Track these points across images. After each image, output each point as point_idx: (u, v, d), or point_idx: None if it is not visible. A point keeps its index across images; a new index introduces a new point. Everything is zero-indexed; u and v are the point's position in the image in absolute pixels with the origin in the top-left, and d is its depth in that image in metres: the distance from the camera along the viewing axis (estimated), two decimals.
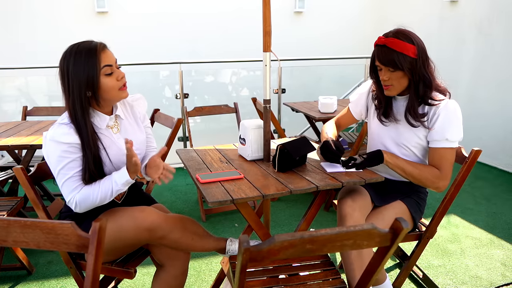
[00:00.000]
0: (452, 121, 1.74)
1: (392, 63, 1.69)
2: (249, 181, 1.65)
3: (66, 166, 1.52)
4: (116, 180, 1.56)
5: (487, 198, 3.59)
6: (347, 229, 1.06)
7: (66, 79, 1.53)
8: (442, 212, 1.96)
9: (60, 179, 1.54)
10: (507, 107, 4.18)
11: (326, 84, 5.22)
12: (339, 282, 1.56)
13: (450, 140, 1.75)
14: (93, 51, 1.53)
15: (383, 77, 1.77)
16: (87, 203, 1.56)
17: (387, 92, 1.81)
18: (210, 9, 5.37)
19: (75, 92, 1.52)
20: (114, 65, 1.58)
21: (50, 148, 1.53)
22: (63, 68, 1.53)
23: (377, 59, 1.75)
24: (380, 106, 1.90)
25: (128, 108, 1.78)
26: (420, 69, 1.72)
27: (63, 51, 1.56)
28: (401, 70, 1.70)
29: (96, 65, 1.52)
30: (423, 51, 1.73)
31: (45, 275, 2.46)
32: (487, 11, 4.33)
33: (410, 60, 1.69)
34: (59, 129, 1.52)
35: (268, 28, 1.72)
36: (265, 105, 1.85)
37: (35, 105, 3.62)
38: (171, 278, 1.75)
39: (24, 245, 1.10)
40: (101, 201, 1.57)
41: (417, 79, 1.73)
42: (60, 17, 4.97)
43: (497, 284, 2.36)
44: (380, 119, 1.92)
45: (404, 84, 1.77)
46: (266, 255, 1.01)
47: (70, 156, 1.52)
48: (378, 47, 1.74)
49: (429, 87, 1.75)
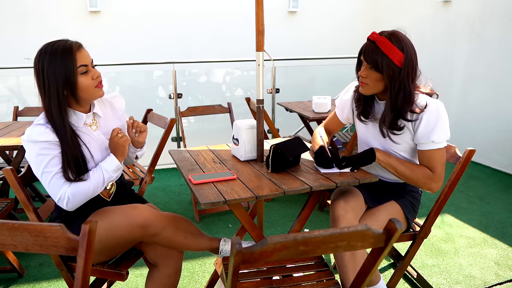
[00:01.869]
0: (436, 123, 1.69)
1: (374, 62, 1.66)
2: (242, 181, 1.64)
3: (49, 164, 1.52)
4: (106, 168, 1.61)
5: (480, 197, 3.60)
6: (341, 230, 1.04)
7: (41, 78, 1.53)
8: (436, 212, 1.95)
9: (45, 179, 1.53)
10: (500, 106, 4.20)
11: (320, 84, 5.22)
12: (333, 283, 1.55)
13: (436, 141, 1.71)
14: (68, 51, 1.52)
15: (361, 73, 1.74)
16: (80, 197, 1.56)
17: (361, 89, 1.79)
18: (204, 10, 5.35)
19: (51, 91, 1.52)
20: (90, 65, 1.59)
21: (29, 150, 1.53)
22: (38, 67, 1.53)
23: (362, 51, 1.73)
24: (359, 104, 1.88)
25: (107, 105, 1.80)
26: (402, 79, 1.66)
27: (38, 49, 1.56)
28: (379, 72, 1.67)
29: (72, 64, 1.52)
30: (410, 62, 1.67)
31: (36, 277, 2.44)
32: (480, 11, 4.34)
33: (393, 67, 1.65)
34: (35, 129, 1.52)
35: (261, 28, 1.70)
36: (258, 105, 1.83)
37: (26, 105, 3.59)
38: (165, 277, 1.74)
39: (12, 248, 1.07)
40: (94, 192, 1.60)
41: (395, 88, 1.68)
42: (52, 16, 4.92)
43: (491, 283, 2.37)
44: (359, 118, 1.90)
45: (379, 87, 1.73)
46: (258, 257, 0.99)
47: (50, 152, 1.52)
48: (368, 42, 1.71)
49: (408, 101, 1.69)
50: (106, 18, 5.08)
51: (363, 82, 1.76)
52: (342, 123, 2.11)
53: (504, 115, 4.12)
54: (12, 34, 4.86)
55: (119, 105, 1.86)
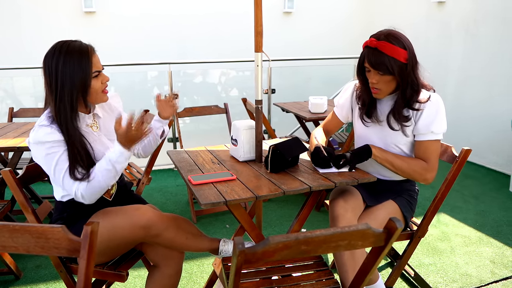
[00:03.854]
0: (436, 114, 1.76)
1: (383, 67, 1.68)
2: (241, 182, 1.64)
3: (59, 161, 1.51)
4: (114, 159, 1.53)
5: (475, 196, 3.63)
6: (342, 229, 1.05)
7: (54, 77, 1.50)
8: (433, 211, 1.97)
9: (58, 176, 1.52)
10: (494, 106, 4.23)
11: (316, 84, 5.24)
12: (332, 283, 1.56)
13: (435, 132, 1.77)
14: (85, 53, 1.52)
15: (372, 80, 1.76)
16: (95, 189, 1.53)
17: (375, 95, 1.82)
18: (199, 11, 5.35)
19: (65, 91, 1.50)
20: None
21: (37, 151, 1.52)
22: (50, 66, 1.50)
23: (367, 61, 1.74)
24: (364, 106, 1.90)
25: (105, 106, 1.79)
26: (409, 73, 1.71)
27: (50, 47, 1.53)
28: (391, 74, 1.70)
29: (89, 68, 1.52)
30: (413, 55, 1.72)
31: (33, 279, 2.42)
32: (473, 12, 4.38)
33: (401, 65, 1.69)
34: (41, 130, 1.50)
35: (260, 29, 1.71)
36: (257, 106, 1.84)
37: (22, 107, 3.57)
38: (166, 278, 1.74)
39: (13, 250, 1.07)
40: (108, 182, 1.55)
41: (406, 83, 1.73)
42: (46, 16, 4.90)
43: (487, 281, 2.39)
44: (362, 118, 1.92)
45: (392, 87, 1.77)
46: (260, 257, 1.00)
47: (60, 149, 1.51)
48: (368, 49, 1.73)
49: (416, 91, 1.75)
50: (101, 18, 5.07)
51: (375, 88, 1.78)
52: (341, 123, 2.12)
53: (499, 115, 4.16)
54: (6, 35, 4.83)
55: (117, 105, 1.86)
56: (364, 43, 1.76)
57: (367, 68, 1.77)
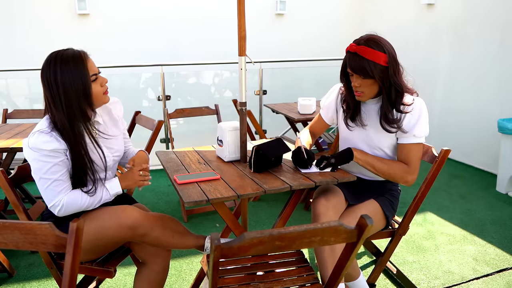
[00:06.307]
0: (418, 118, 1.82)
1: (363, 71, 1.74)
2: (225, 181, 1.70)
3: (48, 171, 1.54)
4: (108, 188, 1.68)
5: (462, 196, 3.70)
6: (314, 226, 1.11)
7: (55, 89, 1.52)
8: (414, 210, 2.04)
9: (42, 184, 1.57)
10: (481, 107, 4.31)
11: (307, 86, 5.30)
12: (312, 278, 1.62)
13: (417, 136, 1.84)
14: (79, 59, 1.55)
15: (354, 84, 1.82)
16: (73, 207, 1.61)
17: (359, 98, 1.87)
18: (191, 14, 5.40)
19: (73, 102, 1.54)
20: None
21: (32, 155, 1.54)
22: (49, 78, 1.51)
23: (348, 65, 1.80)
24: (348, 109, 1.96)
25: (105, 112, 1.81)
26: (391, 76, 1.76)
27: (44, 59, 1.54)
28: (371, 78, 1.76)
29: (86, 73, 1.55)
30: (393, 58, 1.77)
31: (26, 277, 2.48)
32: (462, 14, 4.46)
33: (381, 68, 1.74)
34: (40, 137, 1.52)
35: (243, 33, 1.77)
36: (241, 108, 1.90)
37: (16, 108, 3.61)
38: (153, 274, 1.80)
39: (3, 246, 1.13)
40: (88, 206, 1.64)
41: (388, 86, 1.78)
42: (40, 18, 4.93)
43: (468, 278, 2.46)
44: (346, 122, 1.98)
45: (374, 90, 1.82)
46: (236, 252, 1.06)
47: (53, 160, 1.54)
48: (349, 54, 1.79)
49: (400, 94, 1.81)
50: (94, 20, 5.11)
51: (358, 91, 1.84)
52: (327, 125, 2.17)
53: (486, 115, 4.23)
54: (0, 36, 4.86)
55: (118, 112, 1.87)
56: (346, 48, 1.82)
57: (350, 73, 1.83)
